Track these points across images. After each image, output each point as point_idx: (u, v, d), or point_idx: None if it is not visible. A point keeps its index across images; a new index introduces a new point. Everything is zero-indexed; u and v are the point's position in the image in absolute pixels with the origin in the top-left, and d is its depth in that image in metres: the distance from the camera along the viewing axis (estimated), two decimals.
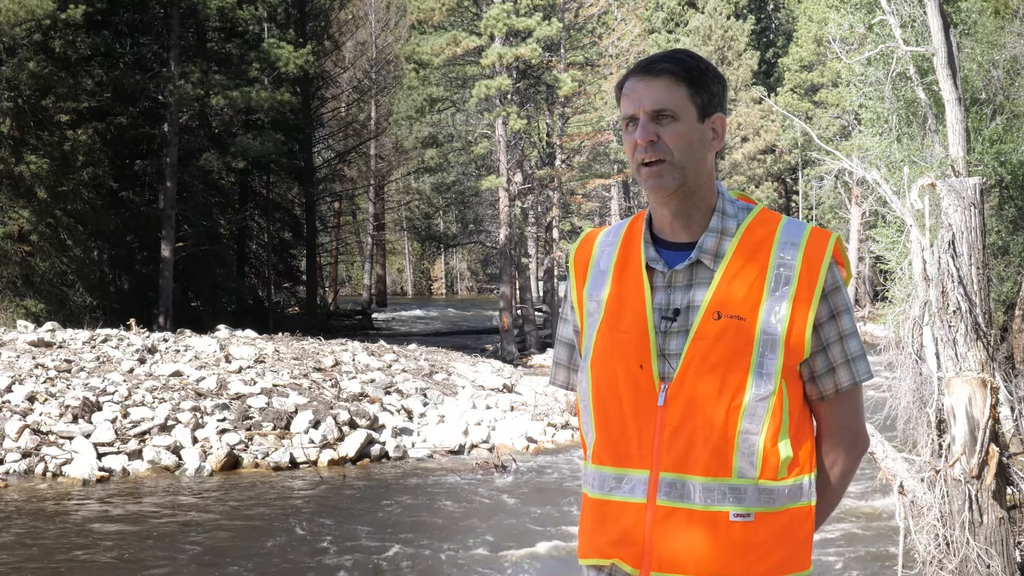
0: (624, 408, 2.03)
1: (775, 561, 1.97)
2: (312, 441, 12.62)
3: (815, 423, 2.09)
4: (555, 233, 30.73)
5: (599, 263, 2.15)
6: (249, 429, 12.68)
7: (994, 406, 6.26)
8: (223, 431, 12.45)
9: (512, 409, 15.48)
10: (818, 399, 2.05)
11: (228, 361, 15.05)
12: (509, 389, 17.13)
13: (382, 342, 21.04)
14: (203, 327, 21.44)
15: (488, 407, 15.37)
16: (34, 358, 14.12)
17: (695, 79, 2.02)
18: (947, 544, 6.31)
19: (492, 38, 27.31)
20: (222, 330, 19.50)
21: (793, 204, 47.23)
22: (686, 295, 2.02)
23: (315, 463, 12.35)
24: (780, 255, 2.00)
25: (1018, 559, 6.44)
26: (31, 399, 12.43)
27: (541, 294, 39.07)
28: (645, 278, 2.06)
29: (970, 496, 6.21)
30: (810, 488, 2.02)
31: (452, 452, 13.40)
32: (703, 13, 45.12)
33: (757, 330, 1.96)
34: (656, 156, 1.99)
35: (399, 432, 13.50)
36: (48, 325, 17.66)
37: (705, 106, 2.03)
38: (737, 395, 1.95)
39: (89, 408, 12.22)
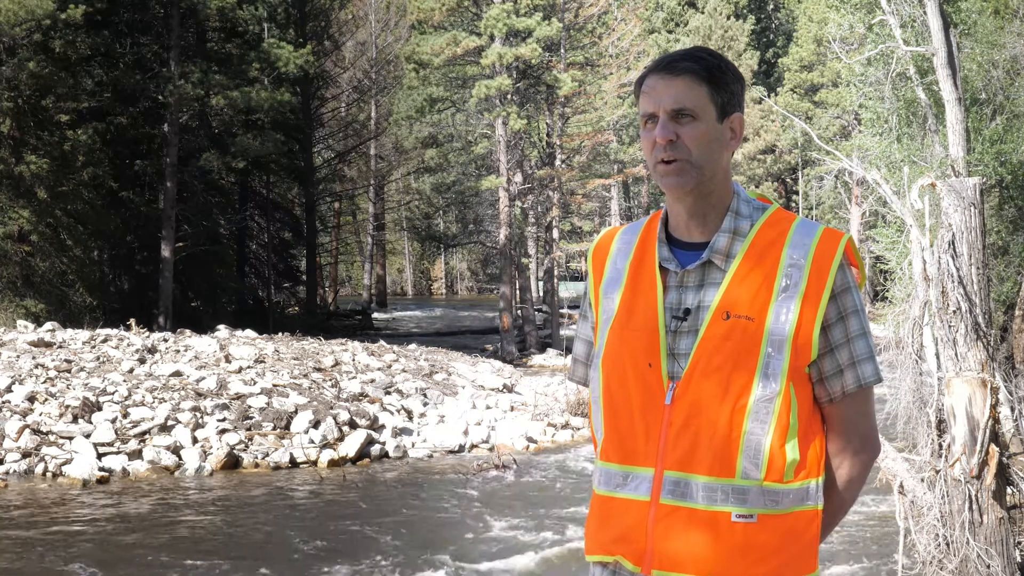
0: (633, 406, 2.03)
1: (778, 563, 1.96)
2: (312, 441, 12.62)
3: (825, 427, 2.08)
4: (555, 233, 30.71)
5: (616, 262, 2.15)
6: (249, 429, 12.68)
7: (994, 406, 6.26)
8: (223, 431, 12.45)
9: (512, 409, 15.49)
10: (827, 401, 2.04)
11: (228, 361, 15.05)
12: (509, 389, 17.14)
13: (382, 342, 21.04)
14: (203, 327, 21.46)
15: (488, 407, 15.38)
16: (34, 358, 14.12)
17: (716, 79, 2.01)
18: (947, 544, 6.31)
19: (492, 38, 27.29)
20: (222, 330, 19.50)
21: (793, 204, 47.20)
22: (697, 295, 2.02)
23: (315, 463, 12.35)
24: (791, 256, 2.00)
25: (1018, 559, 6.44)
26: (31, 399, 12.43)
27: (541, 294, 39.09)
28: (658, 277, 2.06)
29: (970, 496, 6.22)
30: (817, 492, 2.00)
31: (452, 452, 13.40)
32: (703, 13, 45.15)
33: (765, 331, 1.96)
34: (675, 155, 1.99)
35: (399, 432, 13.50)
36: (48, 325, 17.66)
37: (724, 106, 2.02)
38: (742, 395, 1.95)
39: (89, 408, 12.22)
